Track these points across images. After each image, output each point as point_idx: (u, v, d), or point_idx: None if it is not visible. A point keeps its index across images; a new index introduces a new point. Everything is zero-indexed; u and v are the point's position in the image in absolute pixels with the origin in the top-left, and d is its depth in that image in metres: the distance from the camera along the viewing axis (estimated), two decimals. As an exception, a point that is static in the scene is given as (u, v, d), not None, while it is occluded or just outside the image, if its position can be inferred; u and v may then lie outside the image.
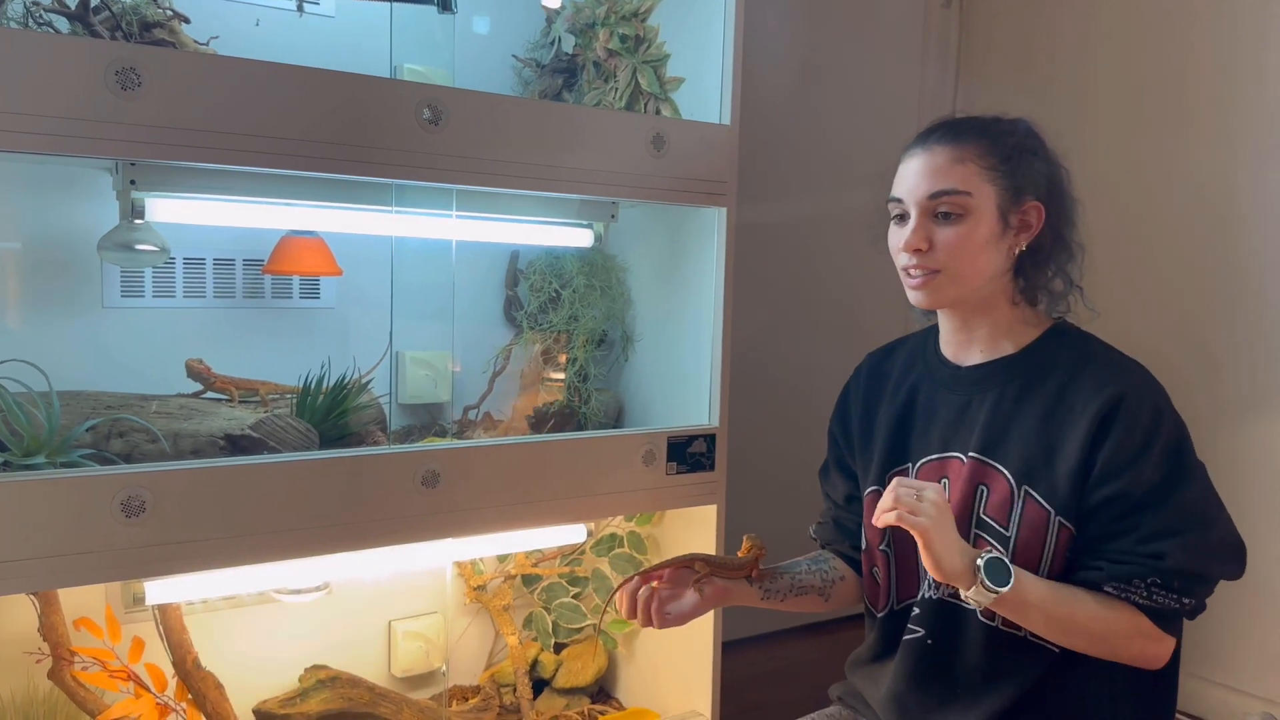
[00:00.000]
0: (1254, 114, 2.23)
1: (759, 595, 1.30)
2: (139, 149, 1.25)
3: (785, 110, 2.68)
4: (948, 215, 1.15)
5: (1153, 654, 1.13)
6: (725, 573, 1.28)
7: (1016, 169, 1.16)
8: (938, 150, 1.17)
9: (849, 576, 1.36)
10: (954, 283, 1.17)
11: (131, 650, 1.55)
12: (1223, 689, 2.27)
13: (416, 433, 1.84)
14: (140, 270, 1.64)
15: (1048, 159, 1.20)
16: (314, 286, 1.81)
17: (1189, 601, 1.10)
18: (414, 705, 1.75)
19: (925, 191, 1.16)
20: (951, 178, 1.15)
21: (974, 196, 1.15)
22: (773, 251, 2.69)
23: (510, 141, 1.49)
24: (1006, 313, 1.21)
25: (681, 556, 1.28)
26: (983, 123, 1.19)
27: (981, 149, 1.15)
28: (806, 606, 1.33)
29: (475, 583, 1.93)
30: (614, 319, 1.94)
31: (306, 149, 1.34)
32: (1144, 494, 1.10)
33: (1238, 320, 2.26)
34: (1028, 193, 1.17)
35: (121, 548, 1.26)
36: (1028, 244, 1.18)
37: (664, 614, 1.24)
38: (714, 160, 1.69)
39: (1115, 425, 1.11)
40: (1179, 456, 1.11)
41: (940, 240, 1.16)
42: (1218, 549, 1.11)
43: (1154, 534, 1.09)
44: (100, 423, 1.42)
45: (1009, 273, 1.19)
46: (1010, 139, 1.17)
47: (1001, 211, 1.16)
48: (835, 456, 1.38)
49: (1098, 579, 1.11)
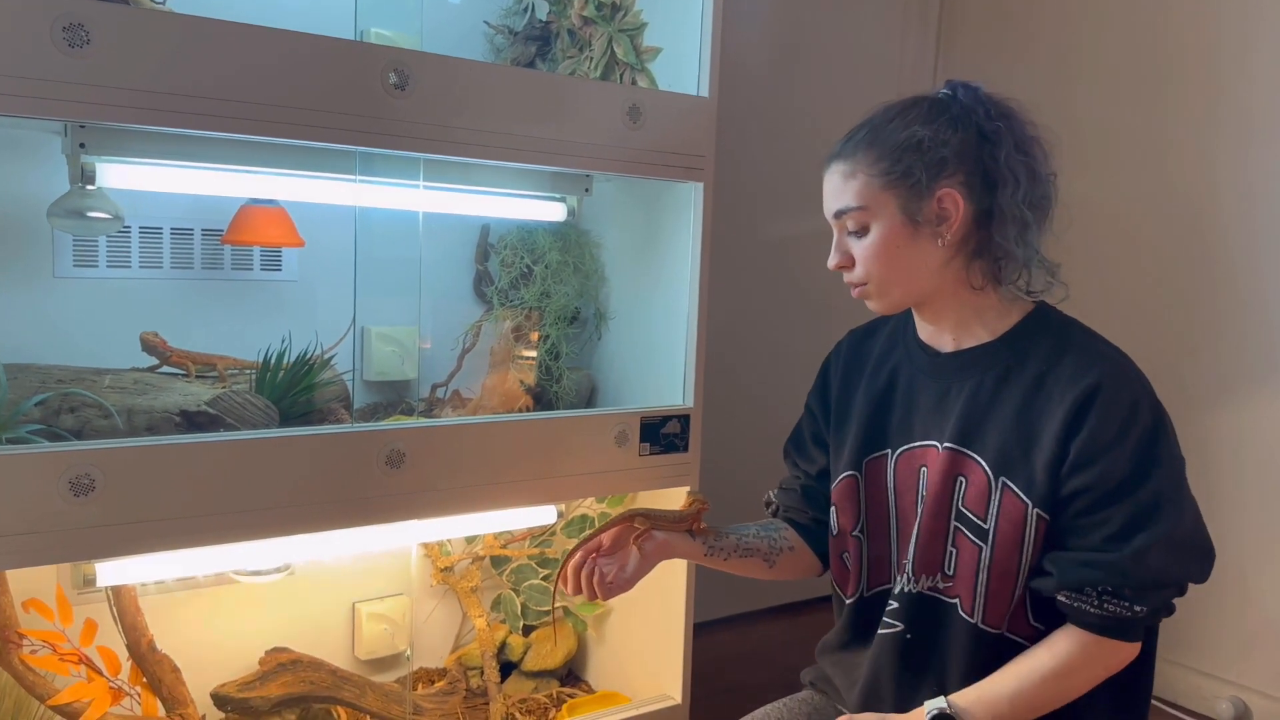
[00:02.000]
0: (1236, 95, 2.22)
1: (702, 551, 1.28)
2: (88, 110, 1.20)
3: (762, 82, 2.63)
4: (856, 230, 1.16)
5: (1117, 663, 1.11)
6: (666, 525, 1.26)
7: (910, 167, 1.11)
8: (834, 168, 1.17)
9: (799, 549, 1.33)
10: (887, 290, 1.16)
11: (83, 633, 1.50)
12: (1194, 674, 2.28)
13: (382, 411, 1.80)
14: (93, 239, 1.59)
15: (964, 131, 1.12)
16: (275, 258, 1.75)
17: (1140, 610, 1.07)
18: (378, 689, 1.72)
19: (830, 212, 1.18)
20: (845, 195, 1.15)
21: (869, 209, 1.13)
22: (749, 229, 2.65)
23: (481, 110, 1.44)
24: (971, 298, 1.16)
25: (620, 515, 1.26)
26: (873, 125, 1.15)
27: (870, 158, 1.13)
28: (749, 570, 1.31)
29: (442, 564, 1.89)
30: (587, 296, 1.91)
31: (267, 113, 1.29)
32: (1115, 486, 1.07)
33: (1216, 305, 2.25)
34: (937, 182, 1.11)
35: (70, 528, 1.22)
36: (955, 231, 1.12)
37: (607, 585, 1.22)
38: (692, 133, 1.65)
39: (1090, 415, 1.08)
40: (1153, 449, 1.08)
41: (857, 254, 1.16)
42: (1182, 547, 1.08)
43: (1118, 532, 1.07)
44: (50, 397, 1.37)
45: (956, 259, 1.14)
46: (902, 133, 1.12)
47: (908, 213, 1.12)
48: (812, 431, 1.35)
49: (1049, 587, 1.10)
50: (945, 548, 1.16)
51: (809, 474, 1.35)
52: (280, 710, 1.63)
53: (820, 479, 1.33)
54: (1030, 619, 1.14)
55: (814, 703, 1.34)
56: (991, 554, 1.12)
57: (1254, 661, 2.19)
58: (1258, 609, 2.19)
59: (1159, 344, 2.28)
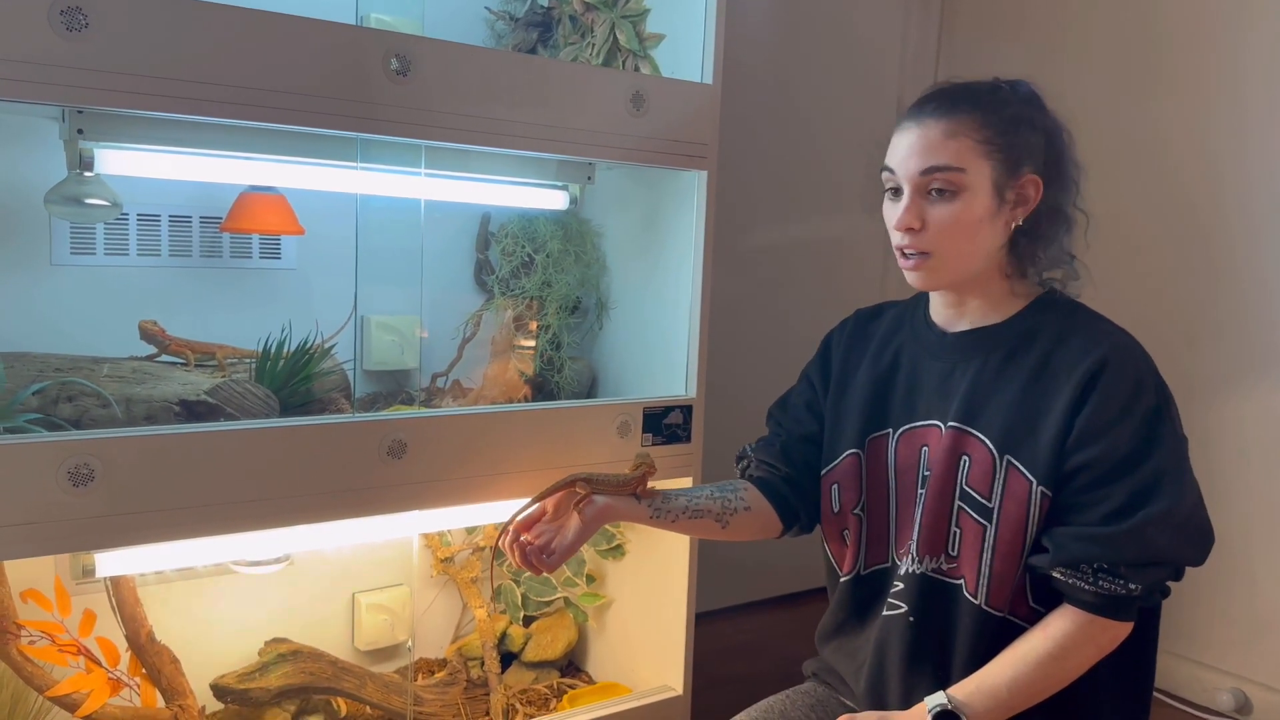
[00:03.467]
0: (1235, 82, 2.20)
1: (648, 514, 1.26)
2: (86, 95, 1.18)
3: (765, 69, 2.62)
4: (941, 192, 1.12)
5: (1110, 643, 1.11)
6: (608, 489, 1.25)
7: (1013, 141, 1.12)
8: (930, 124, 1.12)
9: (756, 508, 1.31)
10: (946, 266, 1.14)
11: (82, 624, 1.49)
12: (1194, 665, 2.28)
13: (382, 400, 1.78)
14: (91, 226, 1.57)
15: (1047, 126, 1.16)
16: (275, 246, 1.73)
17: (1135, 588, 1.07)
18: (378, 679, 1.71)
19: (917, 167, 1.12)
20: (944, 153, 1.11)
21: (968, 173, 1.11)
22: (752, 217, 2.64)
23: (483, 96, 1.43)
24: (999, 285, 1.18)
25: (562, 480, 1.24)
26: (977, 92, 1.14)
27: (976, 121, 1.11)
28: (700, 531, 1.30)
29: (443, 555, 1.88)
30: (588, 285, 1.89)
31: (266, 98, 1.27)
32: (1115, 464, 1.07)
33: (1217, 294, 2.24)
34: (1025, 165, 1.13)
35: (68, 518, 1.20)
36: (1024, 218, 1.14)
37: (545, 557, 1.21)
38: (695, 121, 1.63)
39: (1094, 391, 1.08)
40: (1156, 427, 1.08)
41: (933, 219, 1.12)
42: (1181, 527, 1.08)
43: (1118, 509, 1.07)
44: (48, 386, 1.36)
45: (1004, 247, 1.16)
46: (1007, 109, 1.13)
47: (997, 187, 1.12)
48: (807, 399, 1.34)
49: (1045, 563, 1.10)
50: (949, 528, 1.16)
51: (791, 434, 1.34)
52: (280, 701, 1.62)
53: (802, 442, 1.32)
54: (1030, 601, 1.14)
55: (817, 694, 1.33)
56: (996, 533, 1.12)
57: (1255, 653, 2.19)
58: (1259, 601, 2.18)
59: (1160, 334, 2.26)
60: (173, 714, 1.52)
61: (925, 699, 1.11)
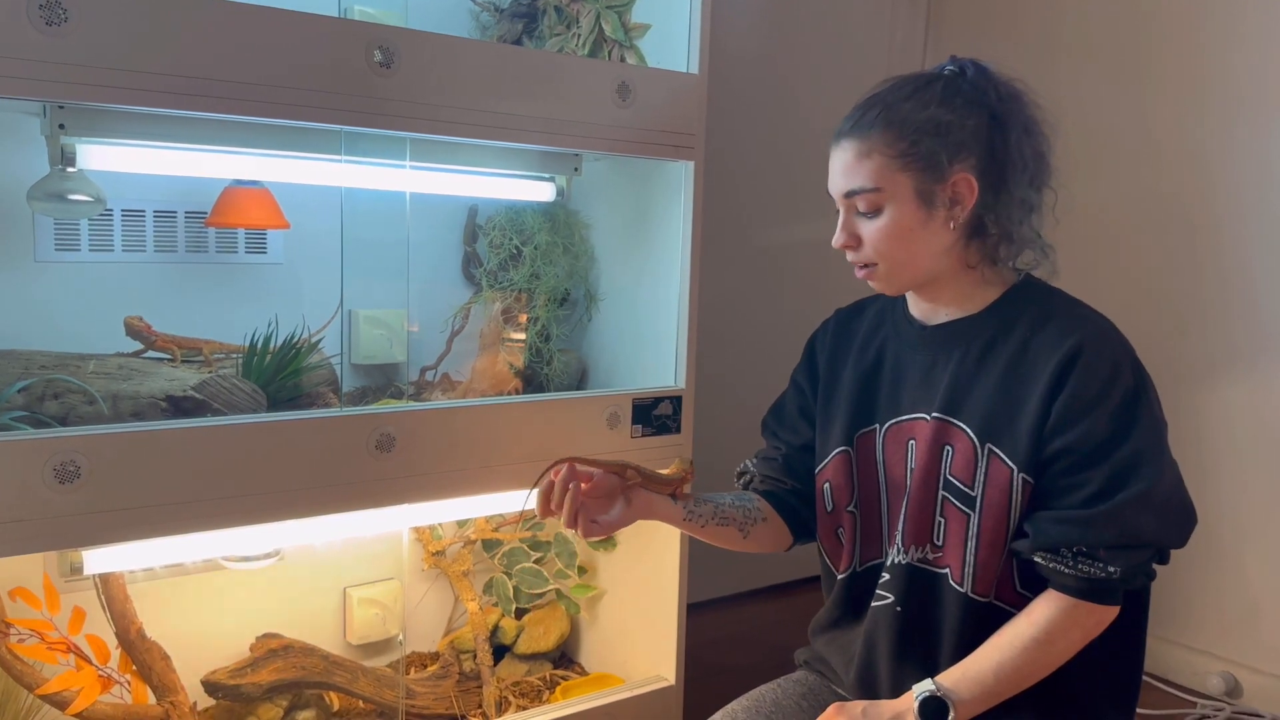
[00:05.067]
0: (1223, 68, 2.21)
1: (682, 515, 1.27)
2: (67, 90, 1.17)
3: (752, 59, 2.61)
4: (867, 210, 1.13)
5: (1095, 626, 1.11)
6: (653, 486, 1.26)
7: (931, 148, 1.10)
8: (846, 145, 1.14)
9: (771, 519, 1.32)
10: (896, 272, 1.15)
11: (71, 621, 1.49)
12: (1185, 649, 2.29)
13: (371, 394, 1.78)
14: (75, 222, 1.56)
15: (978, 113, 1.12)
16: (260, 241, 1.73)
17: (1115, 570, 1.07)
18: (370, 673, 1.71)
19: (839, 190, 1.15)
20: (859, 175, 1.12)
21: (884, 190, 1.11)
22: (740, 209, 2.63)
23: (467, 87, 1.42)
24: (967, 277, 1.17)
25: (615, 460, 1.24)
26: (892, 102, 1.12)
27: (888, 137, 1.11)
28: (722, 538, 1.30)
29: (434, 548, 1.88)
30: (577, 277, 1.89)
31: (249, 92, 1.27)
32: (1094, 448, 1.07)
33: (1204, 283, 2.25)
34: (953, 166, 1.11)
35: (55, 515, 1.20)
36: (965, 214, 1.13)
37: (591, 523, 1.20)
38: (682, 111, 1.63)
39: (1071, 376, 1.08)
40: (1133, 409, 1.08)
41: (866, 235, 1.14)
42: (1161, 508, 1.08)
43: (1097, 492, 1.07)
44: (33, 383, 1.35)
45: (959, 241, 1.15)
46: (923, 112, 1.11)
47: (922, 196, 1.11)
48: (799, 405, 1.34)
49: (1025, 548, 1.10)
50: (934, 517, 1.16)
51: (791, 445, 1.34)
52: (272, 696, 1.62)
53: (802, 452, 1.33)
54: (1017, 586, 1.14)
55: (808, 683, 1.34)
56: (980, 521, 1.12)
57: (1244, 637, 2.21)
58: (1248, 585, 2.20)
59: (1149, 323, 2.28)
60: (164, 711, 1.52)
61: (913, 687, 1.12)
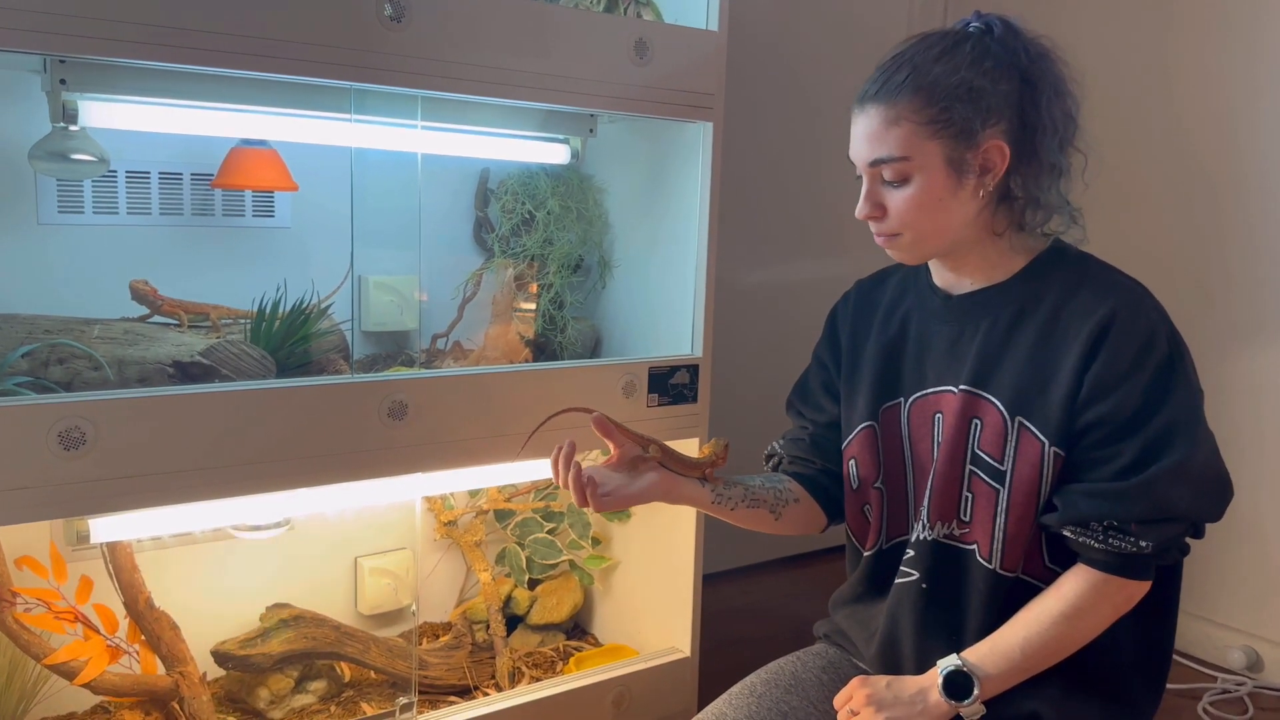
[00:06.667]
0: (1252, 31, 2.14)
1: (710, 498, 1.21)
2: (68, 43, 1.14)
3: (772, 16, 2.55)
4: (895, 180, 1.08)
5: (1125, 602, 1.08)
6: (677, 467, 1.20)
7: (962, 114, 1.05)
8: (872, 112, 1.08)
9: (803, 500, 1.29)
10: (920, 241, 1.11)
11: (79, 590, 1.47)
12: (1205, 623, 2.26)
13: (382, 362, 1.75)
14: (78, 183, 1.53)
15: (1009, 75, 1.08)
16: (268, 204, 1.69)
17: (1146, 545, 1.04)
18: (382, 644, 1.69)
19: (865, 159, 1.09)
20: (886, 143, 1.07)
21: (913, 159, 1.06)
22: (759, 171, 2.58)
23: (480, 43, 1.38)
24: (993, 245, 1.14)
25: (640, 434, 1.19)
26: (916, 65, 1.07)
27: (916, 104, 1.05)
28: (754, 521, 1.26)
29: (446, 518, 1.85)
30: (591, 243, 1.85)
31: (256, 46, 1.23)
32: (1128, 419, 1.04)
33: (1230, 251, 2.20)
34: (984, 131, 1.06)
35: (60, 483, 1.18)
36: (996, 182, 1.09)
37: (603, 496, 1.14)
38: (701, 70, 1.58)
39: (1105, 345, 1.05)
40: (1168, 379, 1.05)
41: (892, 205, 1.09)
42: (1196, 480, 1.05)
43: (1130, 464, 1.03)
44: (37, 348, 1.33)
45: (987, 208, 1.11)
46: (955, 76, 1.06)
47: (952, 164, 1.07)
48: (823, 380, 1.31)
49: (1054, 521, 1.07)
50: (961, 493, 1.13)
51: (818, 423, 1.31)
52: (282, 667, 1.60)
53: (830, 429, 1.29)
54: (1046, 561, 1.11)
55: (829, 656, 1.31)
56: (1009, 496, 1.09)
57: (1267, 610, 2.18)
58: (1269, 559, 2.16)
59: (1174, 288, 2.22)
60: (173, 681, 1.50)
61: (938, 662, 1.09)
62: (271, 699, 1.61)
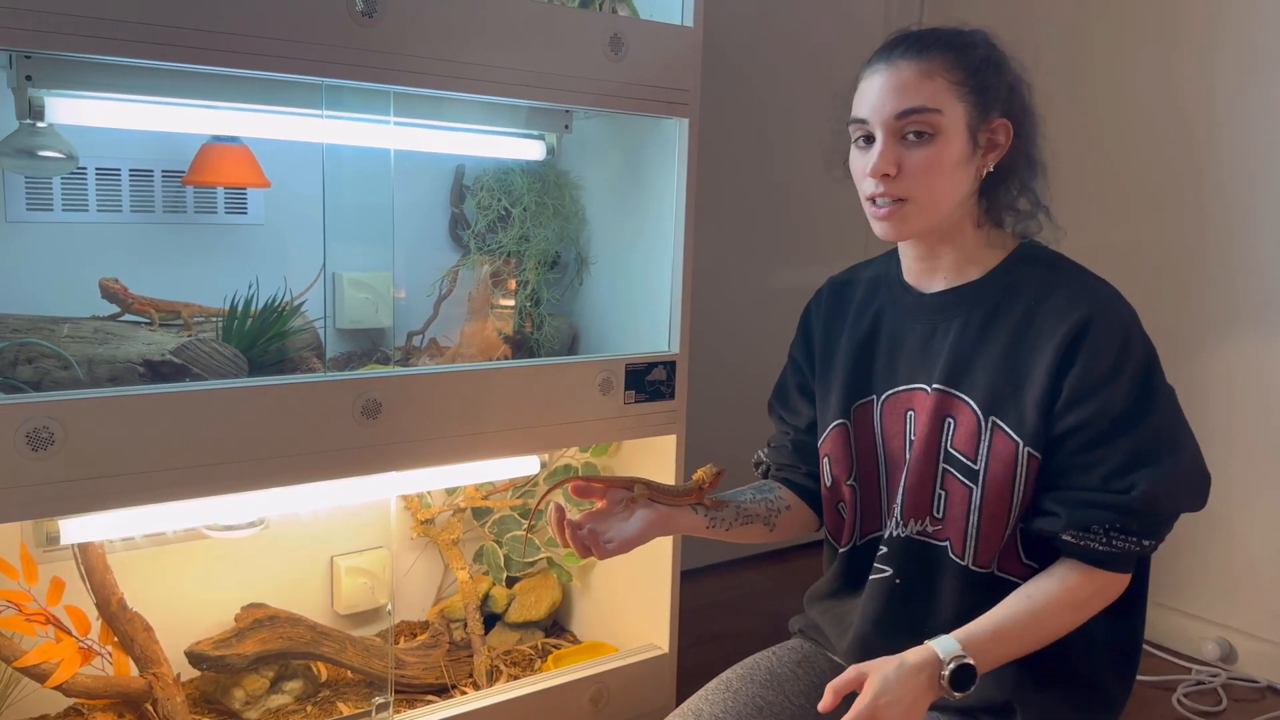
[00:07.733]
0: (1230, 28, 2.16)
1: (704, 524, 1.22)
2: (34, 38, 1.12)
3: (747, 13, 2.55)
4: (919, 135, 1.07)
5: (1114, 594, 1.10)
6: (666, 499, 1.20)
7: (985, 84, 1.09)
8: (903, 65, 1.08)
9: (795, 506, 1.30)
10: (922, 212, 1.10)
11: (50, 592, 1.45)
12: (1180, 615, 2.28)
13: (356, 360, 1.74)
14: (47, 180, 1.51)
15: (1011, 72, 1.13)
16: (240, 200, 1.67)
17: (1148, 543, 1.06)
18: (358, 643, 1.68)
19: (892, 110, 1.08)
20: (920, 94, 1.07)
21: (944, 114, 1.07)
22: (735, 167, 2.58)
23: (453, 39, 1.37)
24: (971, 236, 1.15)
25: (621, 478, 1.20)
26: (946, 35, 1.11)
27: (949, 62, 1.08)
28: (751, 536, 1.26)
29: (422, 516, 1.84)
30: (567, 240, 1.84)
31: (226, 42, 1.21)
32: (1111, 422, 1.05)
33: (1205, 247, 2.22)
34: (995, 109, 1.10)
35: (29, 483, 1.16)
36: (995, 164, 1.11)
37: (605, 544, 1.14)
38: (676, 66, 1.58)
39: (1083, 349, 1.06)
40: (1148, 381, 1.07)
41: (910, 164, 1.08)
42: (1185, 479, 1.07)
43: (1121, 467, 1.05)
44: (5, 347, 1.31)
45: (974, 195, 1.13)
46: (976, 51, 1.10)
47: (971, 130, 1.09)
48: (798, 382, 1.32)
49: (1056, 526, 1.07)
50: (934, 490, 1.14)
51: (798, 428, 1.31)
52: (258, 667, 1.59)
53: (809, 432, 1.30)
54: (1022, 558, 1.12)
55: (804, 650, 1.32)
56: (982, 495, 1.10)
57: (1239, 602, 2.20)
58: (1242, 550, 2.18)
59: (1147, 285, 2.25)
60: (147, 683, 1.49)
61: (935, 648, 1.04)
62: (247, 699, 1.60)
